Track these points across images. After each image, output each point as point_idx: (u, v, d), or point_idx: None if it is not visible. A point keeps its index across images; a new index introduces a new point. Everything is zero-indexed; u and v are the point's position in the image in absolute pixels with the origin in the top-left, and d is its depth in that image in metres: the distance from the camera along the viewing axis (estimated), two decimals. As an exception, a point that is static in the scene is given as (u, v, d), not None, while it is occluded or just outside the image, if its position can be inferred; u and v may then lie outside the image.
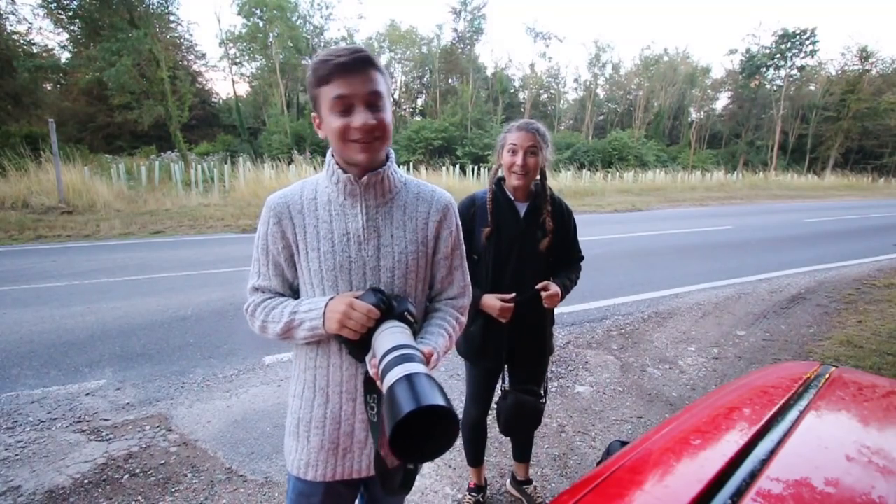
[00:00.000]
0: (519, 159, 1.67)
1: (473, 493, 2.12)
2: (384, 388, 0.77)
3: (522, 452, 2.15)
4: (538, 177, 1.78)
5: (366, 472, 1.12)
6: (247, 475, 2.31)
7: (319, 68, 0.92)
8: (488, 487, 2.22)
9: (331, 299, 0.98)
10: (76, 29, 19.62)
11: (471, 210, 1.79)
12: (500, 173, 1.83)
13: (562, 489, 2.16)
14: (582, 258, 1.93)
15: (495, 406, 1.92)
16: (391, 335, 0.88)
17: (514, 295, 1.70)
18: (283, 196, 1.04)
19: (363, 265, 1.03)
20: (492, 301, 1.70)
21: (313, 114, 1.01)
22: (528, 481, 2.18)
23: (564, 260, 1.87)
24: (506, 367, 1.90)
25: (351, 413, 1.08)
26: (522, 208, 1.78)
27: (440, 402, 0.70)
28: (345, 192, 1.03)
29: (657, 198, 16.82)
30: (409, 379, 0.74)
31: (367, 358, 0.92)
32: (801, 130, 40.44)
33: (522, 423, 1.82)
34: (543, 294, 1.70)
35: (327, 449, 1.09)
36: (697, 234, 8.97)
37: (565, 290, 1.80)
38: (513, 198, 1.78)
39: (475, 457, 2.08)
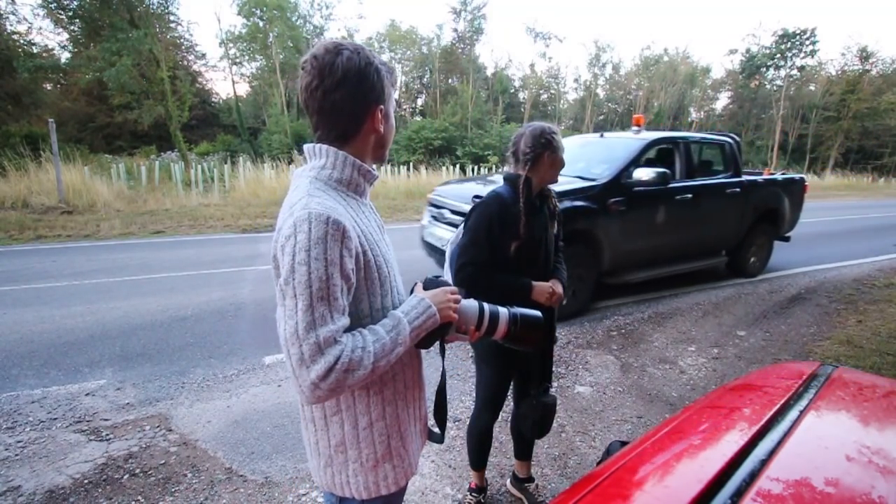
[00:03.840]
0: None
1: (474, 494, 2.11)
2: (507, 317, 1.09)
3: (524, 450, 2.15)
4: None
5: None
6: (247, 475, 2.31)
7: (393, 73, 1.01)
8: (489, 487, 2.22)
9: (420, 295, 1.02)
10: (76, 29, 19.61)
11: (502, 212, 1.73)
12: (523, 174, 1.77)
13: (562, 489, 2.16)
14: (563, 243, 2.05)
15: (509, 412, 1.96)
16: (467, 301, 1.08)
17: (560, 290, 1.81)
18: (332, 209, 0.88)
19: (392, 259, 1.07)
20: (544, 286, 1.76)
21: (381, 107, 0.98)
22: (530, 479, 2.18)
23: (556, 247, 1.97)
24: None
25: (421, 392, 1.16)
26: (537, 202, 1.82)
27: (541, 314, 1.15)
28: (364, 190, 1.02)
29: (657, 198, 16.79)
30: (518, 310, 1.12)
31: (453, 328, 1.06)
32: (801, 130, 40.39)
33: (550, 424, 1.94)
34: (554, 299, 1.78)
35: (420, 433, 1.16)
36: (697, 234, 8.94)
37: (565, 287, 1.88)
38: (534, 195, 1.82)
39: (479, 461, 2.08)
